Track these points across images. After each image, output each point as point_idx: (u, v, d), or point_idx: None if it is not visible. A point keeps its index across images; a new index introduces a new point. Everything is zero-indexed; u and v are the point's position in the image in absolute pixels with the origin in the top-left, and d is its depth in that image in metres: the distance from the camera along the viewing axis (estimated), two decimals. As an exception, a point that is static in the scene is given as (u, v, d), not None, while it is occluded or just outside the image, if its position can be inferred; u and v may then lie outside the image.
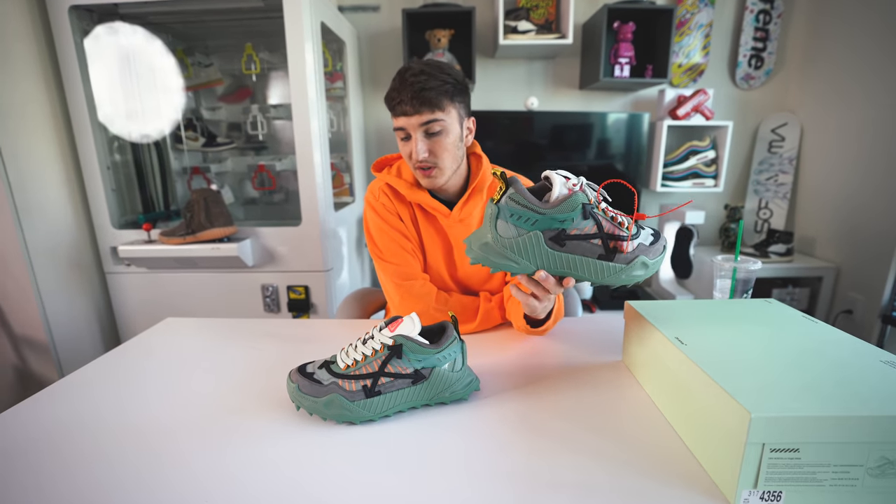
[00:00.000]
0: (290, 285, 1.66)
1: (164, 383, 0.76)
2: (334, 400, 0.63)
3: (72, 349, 1.60)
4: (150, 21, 1.71)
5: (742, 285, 0.94)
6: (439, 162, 0.90)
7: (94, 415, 0.67)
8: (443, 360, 0.67)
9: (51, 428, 0.64)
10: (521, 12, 1.96)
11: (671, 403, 0.62)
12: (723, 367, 0.53)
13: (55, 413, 0.67)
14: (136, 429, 0.63)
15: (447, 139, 0.89)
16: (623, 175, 2.11)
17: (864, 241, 1.84)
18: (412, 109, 0.85)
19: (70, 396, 0.72)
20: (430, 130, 0.87)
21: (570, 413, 0.65)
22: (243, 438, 0.61)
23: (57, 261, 1.56)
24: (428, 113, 0.86)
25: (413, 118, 0.86)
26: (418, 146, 0.88)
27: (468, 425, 0.63)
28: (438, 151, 0.89)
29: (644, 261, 0.66)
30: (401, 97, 0.85)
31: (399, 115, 0.87)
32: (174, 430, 0.63)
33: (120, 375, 0.79)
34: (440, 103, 0.86)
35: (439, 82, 0.86)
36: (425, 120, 0.86)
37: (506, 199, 0.64)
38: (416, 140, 0.88)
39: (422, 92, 0.84)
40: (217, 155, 2.04)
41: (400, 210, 1.02)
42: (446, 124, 0.88)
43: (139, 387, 0.75)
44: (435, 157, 0.89)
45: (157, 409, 0.68)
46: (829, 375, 0.51)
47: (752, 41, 2.14)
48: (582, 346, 0.90)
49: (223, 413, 0.67)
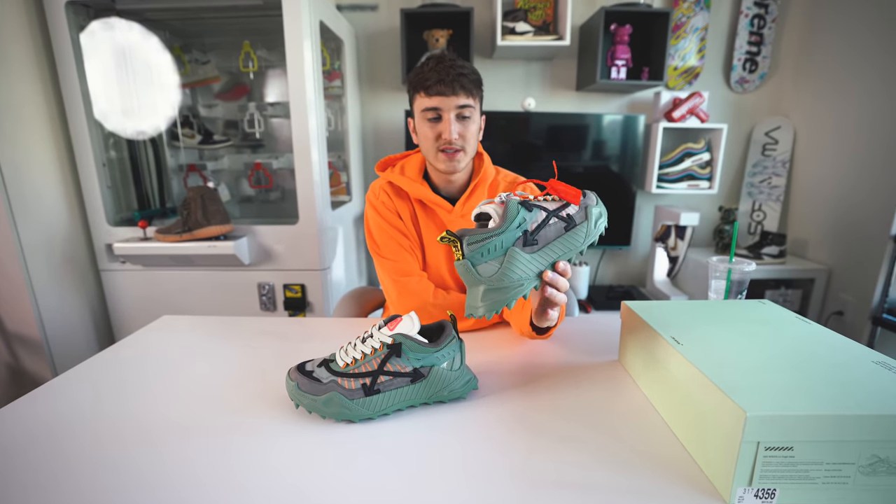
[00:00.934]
0: (286, 284, 1.66)
1: (161, 381, 0.76)
2: (333, 398, 0.63)
3: (65, 347, 1.59)
4: (146, 17, 1.70)
5: (737, 286, 0.95)
6: (465, 146, 0.94)
7: (92, 412, 0.67)
8: (441, 359, 0.67)
9: (48, 425, 0.64)
10: (519, 13, 1.96)
11: (667, 402, 0.63)
12: (718, 366, 0.54)
13: (53, 410, 0.67)
14: (133, 427, 0.63)
15: (473, 126, 0.95)
16: (619, 176, 2.12)
17: (856, 243, 1.87)
18: (450, 91, 0.89)
19: (67, 394, 0.72)
20: (462, 114, 0.92)
21: (567, 412, 0.66)
22: (242, 437, 0.61)
23: (51, 257, 1.55)
24: (464, 97, 0.91)
25: (450, 99, 0.90)
26: (452, 126, 0.91)
27: (466, 424, 0.64)
28: (467, 136, 0.94)
29: (595, 210, 0.70)
30: (440, 77, 0.89)
31: (434, 95, 0.90)
32: (172, 429, 0.63)
33: (117, 373, 0.79)
34: (472, 91, 0.92)
35: (471, 72, 0.92)
36: (461, 103, 0.91)
37: (466, 248, 0.66)
38: (450, 121, 0.91)
39: (460, 77, 0.89)
40: (213, 152, 2.03)
41: (400, 208, 1.03)
42: (474, 112, 0.94)
43: (136, 385, 0.75)
44: (463, 140, 0.93)
45: (155, 407, 0.68)
46: (822, 375, 0.52)
47: (746, 45, 2.16)
48: (579, 346, 0.90)
49: (222, 411, 0.67)
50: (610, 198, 2.25)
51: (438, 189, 1.02)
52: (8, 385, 1.55)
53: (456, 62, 0.90)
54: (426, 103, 0.91)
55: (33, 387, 0.75)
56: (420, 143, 0.99)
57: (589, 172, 2.12)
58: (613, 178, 2.13)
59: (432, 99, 0.90)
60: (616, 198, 2.15)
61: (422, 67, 0.92)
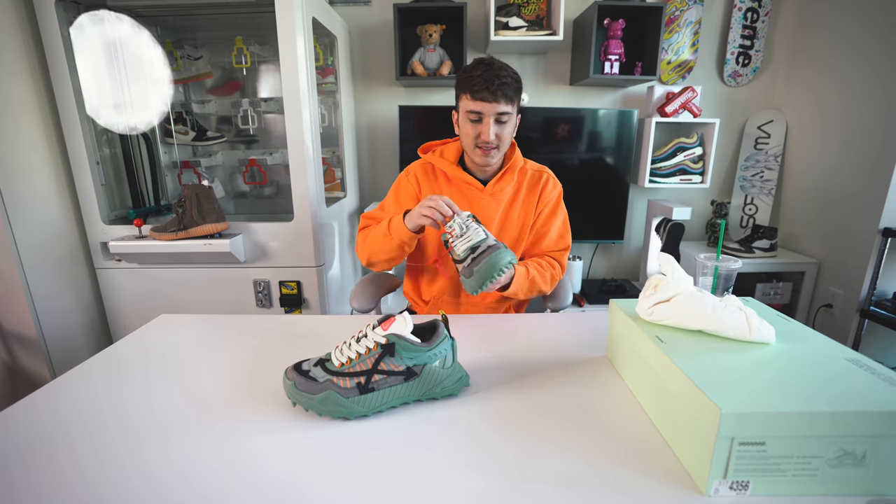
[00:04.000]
0: (282, 280, 1.68)
1: (160, 381, 0.78)
2: (329, 396, 0.65)
3: (63, 345, 1.60)
4: (138, 13, 1.69)
5: (724, 282, 0.98)
6: (500, 145, 1.08)
7: (93, 413, 0.68)
8: (434, 358, 0.70)
9: (51, 426, 0.65)
10: (513, 8, 1.96)
11: (650, 398, 0.65)
12: (698, 364, 0.56)
13: (55, 411, 0.69)
14: (134, 427, 0.65)
15: (508, 128, 1.08)
16: (612, 171, 2.14)
17: (845, 237, 1.90)
18: (493, 98, 1.01)
19: (69, 394, 0.74)
20: (500, 119, 1.04)
21: (555, 407, 0.68)
22: (241, 434, 0.63)
23: (46, 256, 1.55)
24: (504, 104, 1.03)
25: (492, 106, 1.02)
26: (491, 129, 1.04)
27: (458, 420, 0.66)
28: (502, 137, 1.07)
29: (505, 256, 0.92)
30: (485, 84, 1.00)
31: (478, 100, 1.02)
32: (172, 427, 0.65)
33: (116, 373, 0.81)
34: (512, 98, 1.04)
35: (514, 80, 1.03)
36: (501, 110, 1.03)
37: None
38: (489, 124, 1.04)
39: (504, 86, 1.01)
40: (207, 149, 2.03)
41: (427, 188, 1.18)
42: (511, 116, 1.06)
43: (136, 385, 0.77)
44: (499, 140, 1.07)
45: (154, 407, 0.70)
46: (796, 373, 0.55)
47: (739, 39, 2.17)
48: (568, 341, 0.93)
49: (220, 409, 0.69)
50: (603, 192, 2.28)
51: (473, 172, 1.17)
52: (5, 384, 1.56)
53: (502, 71, 1.01)
54: (470, 106, 1.04)
55: (31, 385, 0.77)
56: (461, 137, 1.12)
57: (582, 167, 2.14)
58: (606, 173, 2.15)
59: (476, 103, 1.02)
60: (609, 192, 2.16)
61: (471, 71, 1.02)
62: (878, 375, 0.53)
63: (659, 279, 0.73)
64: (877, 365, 0.56)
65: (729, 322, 0.63)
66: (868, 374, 0.54)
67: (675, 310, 0.67)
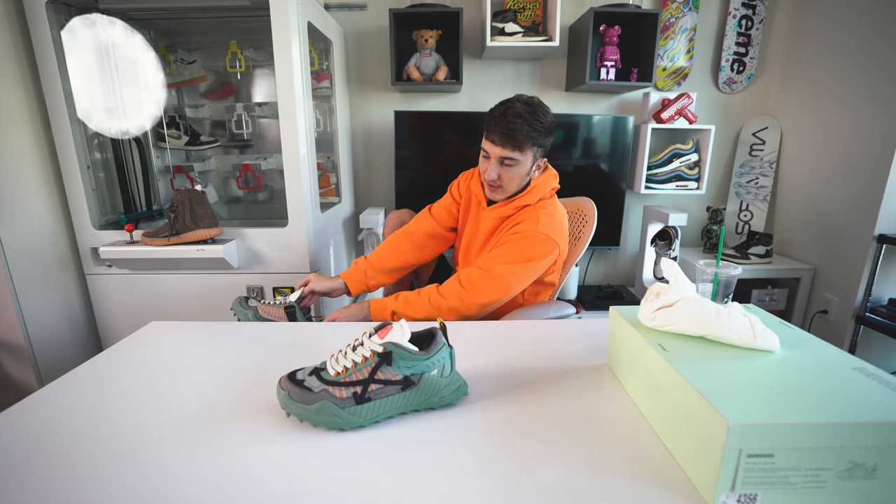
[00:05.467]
0: (275, 287, 1.65)
1: (151, 390, 0.76)
2: (325, 407, 0.63)
3: (51, 352, 1.57)
4: (130, 17, 1.67)
5: (723, 289, 0.97)
6: (503, 184, 1.13)
7: (84, 422, 0.67)
8: (432, 367, 0.68)
9: (41, 434, 0.63)
10: (509, 14, 1.96)
11: (653, 408, 0.64)
12: (703, 373, 0.55)
13: (44, 419, 0.67)
14: (124, 437, 0.63)
15: (515, 171, 1.11)
16: (608, 177, 2.14)
17: (840, 243, 1.90)
18: (500, 142, 1.06)
19: (58, 403, 0.72)
20: (506, 163, 1.09)
21: (555, 417, 0.67)
22: (234, 445, 0.61)
23: (35, 262, 1.52)
24: (510, 150, 1.07)
25: (497, 149, 1.07)
26: (492, 169, 1.10)
27: (457, 431, 0.64)
28: (505, 178, 1.12)
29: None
30: (495, 128, 1.06)
31: (488, 141, 1.09)
32: (164, 438, 0.63)
33: (106, 382, 0.79)
34: (522, 146, 1.06)
35: (530, 129, 1.05)
36: (506, 155, 1.08)
37: None
38: (492, 165, 1.10)
39: (512, 133, 1.04)
40: (200, 154, 2.01)
41: (467, 191, 1.32)
42: (520, 162, 1.09)
43: (125, 394, 0.75)
44: (502, 181, 1.12)
45: (145, 417, 0.68)
46: (803, 383, 0.53)
47: (734, 46, 2.18)
48: (568, 349, 0.91)
49: (213, 420, 0.67)
50: (599, 198, 2.26)
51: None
52: (-8, 391, 1.52)
53: (517, 119, 1.03)
54: (483, 143, 1.11)
55: (18, 393, 0.75)
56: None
57: (578, 173, 2.13)
58: (602, 179, 2.15)
59: (486, 143, 1.09)
60: (605, 198, 2.16)
61: (495, 108, 1.09)
62: (887, 385, 0.52)
63: (660, 287, 0.72)
64: (884, 374, 0.55)
65: (733, 328, 0.62)
66: (875, 383, 0.53)
67: (678, 314, 0.66)
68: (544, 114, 1.08)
